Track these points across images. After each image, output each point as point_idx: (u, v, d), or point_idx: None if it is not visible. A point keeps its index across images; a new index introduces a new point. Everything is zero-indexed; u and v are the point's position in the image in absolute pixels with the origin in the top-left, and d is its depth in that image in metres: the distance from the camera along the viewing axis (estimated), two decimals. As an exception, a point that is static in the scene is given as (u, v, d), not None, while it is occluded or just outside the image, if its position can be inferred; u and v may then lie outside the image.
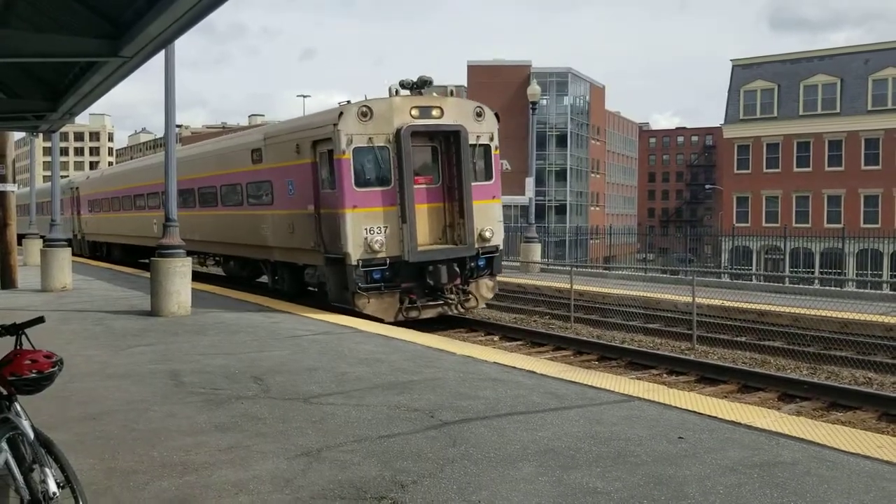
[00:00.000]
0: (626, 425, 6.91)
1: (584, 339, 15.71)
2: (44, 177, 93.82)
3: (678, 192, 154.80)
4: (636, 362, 13.51)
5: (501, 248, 17.22)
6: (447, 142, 16.29)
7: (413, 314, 15.69)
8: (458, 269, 15.98)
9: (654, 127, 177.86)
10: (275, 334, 12.51)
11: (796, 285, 25.03)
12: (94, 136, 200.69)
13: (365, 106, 15.43)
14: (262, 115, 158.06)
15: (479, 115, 16.69)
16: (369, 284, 15.30)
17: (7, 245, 21.34)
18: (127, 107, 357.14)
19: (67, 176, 73.03)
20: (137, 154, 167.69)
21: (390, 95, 16.11)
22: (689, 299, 16.14)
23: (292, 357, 10.47)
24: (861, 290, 21.43)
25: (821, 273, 40.57)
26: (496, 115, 17.21)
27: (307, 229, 16.50)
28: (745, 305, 17.89)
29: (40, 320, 4.64)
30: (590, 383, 8.59)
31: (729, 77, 59.77)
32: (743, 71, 59.19)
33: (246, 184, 19.83)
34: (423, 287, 15.85)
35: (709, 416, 7.20)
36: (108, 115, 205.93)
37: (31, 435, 4.24)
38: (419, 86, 16.31)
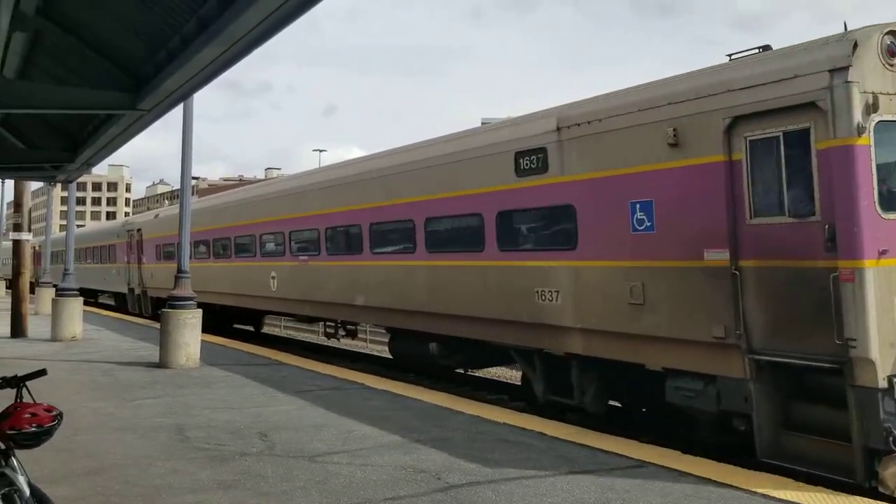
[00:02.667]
0: (639, 492, 6.71)
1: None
2: (60, 226, 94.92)
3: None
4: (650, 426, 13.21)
5: None
6: None
7: None
8: None
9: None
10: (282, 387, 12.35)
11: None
12: (112, 186, 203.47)
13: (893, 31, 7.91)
14: (279, 168, 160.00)
15: None
16: None
17: (19, 293, 21.43)
18: (147, 159, 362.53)
19: (84, 225, 71.16)
20: (154, 205, 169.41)
21: None
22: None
23: (298, 413, 10.32)
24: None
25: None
26: None
27: (696, 299, 8.89)
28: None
29: (42, 373, 4.58)
30: (602, 447, 8.39)
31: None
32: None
33: (497, 214, 11.84)
34: None
35: (725, 483, 6.99)
36: (127, 166, 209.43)
37: (27, 492, 4.14)
38: None
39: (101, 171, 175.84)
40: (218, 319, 24.35)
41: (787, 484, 7.09)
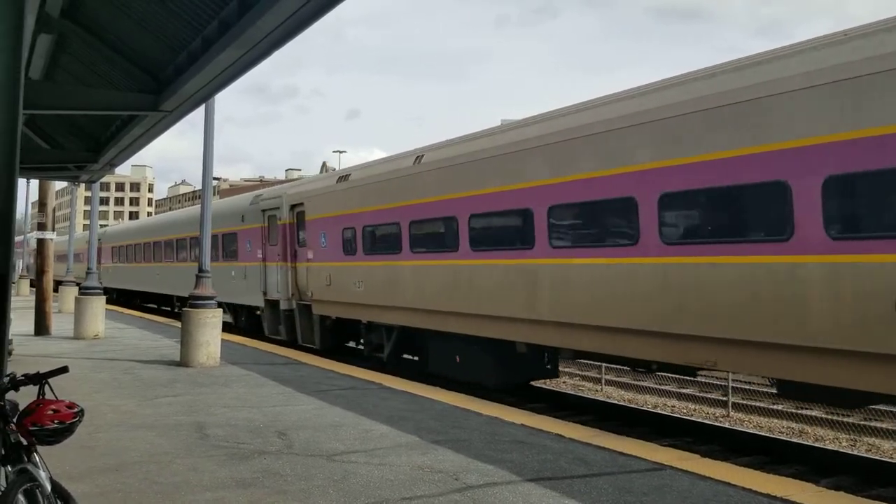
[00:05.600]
0: (657, 496, 6.68)
1: (615, 402, 15.41)
2: (83, 225, 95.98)
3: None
4: (669, 428, 13.18)
5: None
6: None
7: None
8: None
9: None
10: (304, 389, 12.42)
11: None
12: (135, 186, 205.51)
13: None
14: (299, 170, 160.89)
15: None
16: None
17: (43, 292, 21.69)
18: (172, 159, 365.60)
19: (106, 225, 69.37)
20: (176, 205, 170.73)
21: None
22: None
23: (317, 412, 10.38)
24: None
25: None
26: None
27: None
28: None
29: (64, 370, 4.64)
30: (619, 450, 8.36)
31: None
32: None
33: None
34: None
35: (743, 488, 6.94)
36: (150, 166, 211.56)
37: (49, 487, 4.19)
38: None
39: (124, 171, 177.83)
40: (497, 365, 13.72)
41: (808, 488, 7.04)
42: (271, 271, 20.65)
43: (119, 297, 41.18)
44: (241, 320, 24.38)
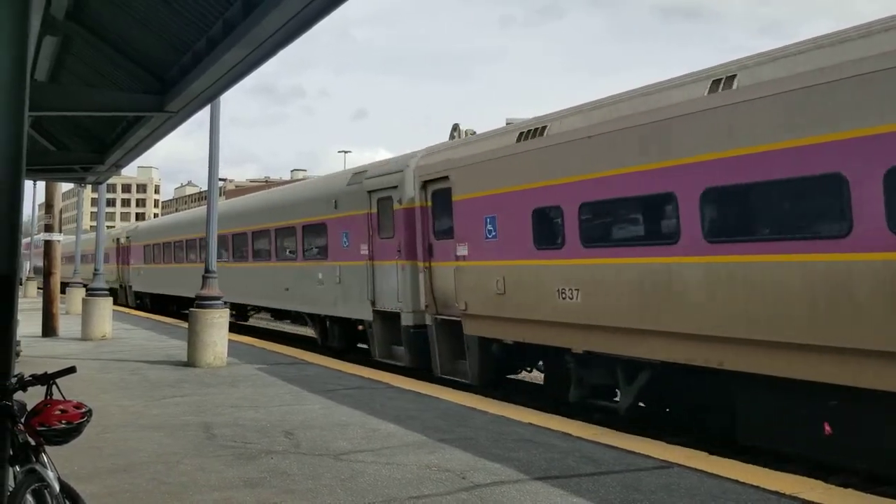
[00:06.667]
0: (665, 493, 6.67)
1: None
2: (90, 226, 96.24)
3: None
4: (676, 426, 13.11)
5: None
6: None
7: None
8: None
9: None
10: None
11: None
12: (141, 188, 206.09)
13: None
14: (304, 170, 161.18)
15: None
16: None
17: (50, 293, 21.76)
18: (179, 161, 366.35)
19: (113, 226, 67.85)
20: (182, 206, 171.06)
21: None
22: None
23: (323, 411, 10.38)
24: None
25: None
26: None
27: None
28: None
29: (72, 370, 4.65)
30: (627, 448, 8.34)
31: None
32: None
33: None
34: None
35: (752, 485, 6.92)
36: (156, 167, 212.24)
37: (57, 487, 4.19)
38: None
39: (130, 172, 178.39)
40: None
41: (816, 486, 7.01)
42: (385, 273, 15.51)
43: (154, 304, 36.13)
44: (333, 337, 18.70)
